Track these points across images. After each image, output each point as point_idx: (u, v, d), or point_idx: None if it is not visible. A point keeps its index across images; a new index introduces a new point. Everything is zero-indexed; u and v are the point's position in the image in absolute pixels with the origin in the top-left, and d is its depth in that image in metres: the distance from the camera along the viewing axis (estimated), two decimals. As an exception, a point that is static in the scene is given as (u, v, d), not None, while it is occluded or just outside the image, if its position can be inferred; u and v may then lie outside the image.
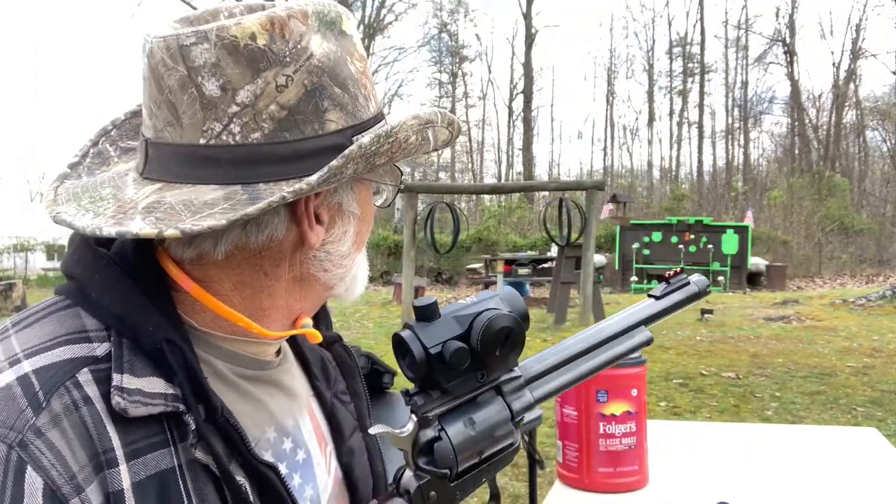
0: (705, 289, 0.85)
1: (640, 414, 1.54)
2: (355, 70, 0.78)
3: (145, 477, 0.70)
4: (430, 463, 0.63)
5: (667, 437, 1.90)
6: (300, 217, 0.77)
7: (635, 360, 1.54)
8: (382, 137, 0.73)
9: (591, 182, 11.25)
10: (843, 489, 1.57)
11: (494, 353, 0.63)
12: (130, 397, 0.69)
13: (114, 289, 0.74)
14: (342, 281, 0.85)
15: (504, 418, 0.66)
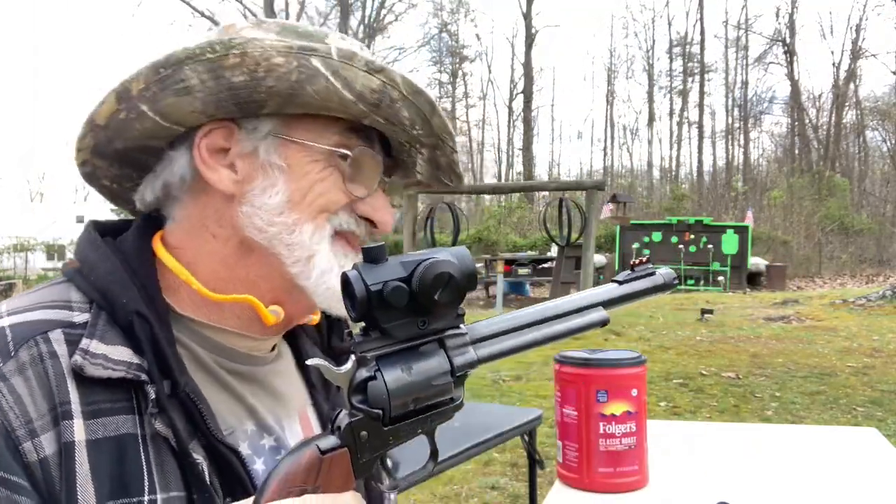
0: (671, 282, 0.84)
1: (640, 414, 1.54)
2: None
3: (103, 437, 0.73)
4: (363, 402, 0.64)
5: (667, 437, 1.90)
6: (194, 153, 0.82)
7: (635, 359, 1.54)
8: (219, 45, 0.76)
9: (591, 182, 11.25)
10: (843, 489, 1.57)
11: (433, 297, 0.63)
12: (93, 359, 0.73)
13: (101, 266, 0.80)
14: (297, 262, 0.82)
15: (443, 370, 0.66)
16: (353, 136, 0.85)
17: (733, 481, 1.61)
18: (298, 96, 0.80)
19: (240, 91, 0.79)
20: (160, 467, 0.75)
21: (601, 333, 9.92)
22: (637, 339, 9.65)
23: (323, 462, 0.63)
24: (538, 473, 3.39)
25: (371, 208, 0.87)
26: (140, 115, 0.81)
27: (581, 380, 1.52)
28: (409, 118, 0.83)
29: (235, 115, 0.82)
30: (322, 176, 0.84)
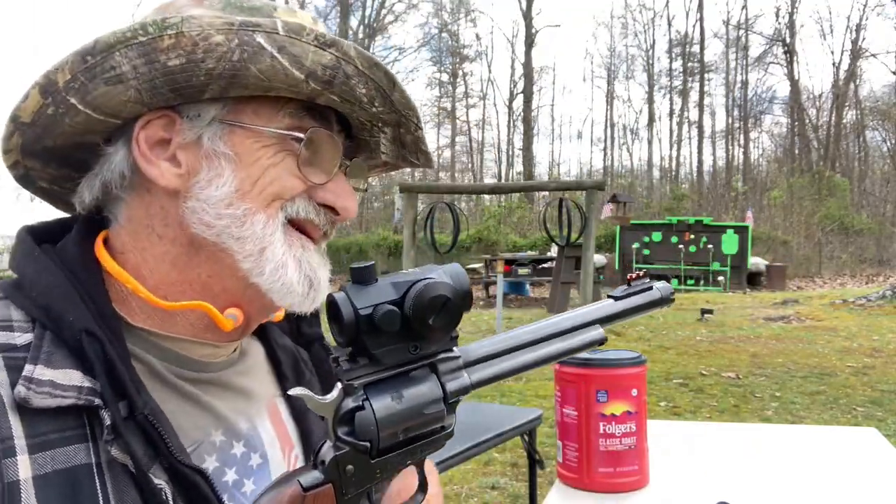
0: (669, 296, 0.81)
1: (640, 414, 1.54)
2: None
3: (52, 471, 0.66)
4: (350, 434, 0.59)
5: (667, 437, 1.90)
6: (132, 147, 0.76)
7: (635, 360, 1.54)
8: (152, 26, 0.70)
9: (591, 182, 11.25)
10: (843, 489, 1.57)
11: (427, 321, 0.60)
12: (39, 388, 0.66)
13: (42, 280, 0.73)
14: (248, 256, 0.76)
15: (436, 397, 0.62)
16: (306, 118, 0.79)
17: (733, 481, 1.61)
18: (242, 77, 0.73)
19: (177, 76, 0.72)
20: (118, 496, 0.68)
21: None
22: (637, 339, 9.65)
23: (306, 500, 0.59)
24: (538, 473, 3.39)
25: (332, 195, 0.80)
26: (69, 109, 0.74)
27: (581, 380, 1.52)
28: (368, 94, 0.77)
29: (175, 103, 0.75)
30: (273, 161, 0.77)
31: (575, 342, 0.72)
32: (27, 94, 0.75)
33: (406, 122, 0.83)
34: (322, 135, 0.79)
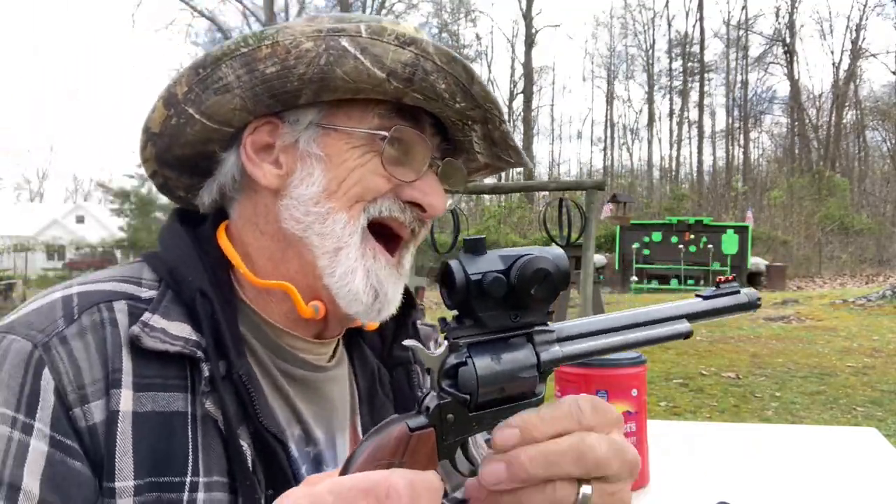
0: (755, 301, 0.85)
1: (640, 414, 1.54)
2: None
3: (150, 411, 0.73)
4: (452, 386, 0.65)
5: (667, 437, 1.90)
6: (240, 152, 0.83)
7: (635, 359, 1.54)
8: (251, 38, 0.77)
9: (591, 182, 11.23)
10: (843, 489, 1.57)
11: (530, 291, 0.65)
12: (152, 332, 0.74)
13: (174, 247, 0.84)
14: (325, 253, 0.80)
15: (530, 363, 0.67)
16: (396, 118, 0.82)
17: (733, 481, 1.61)
18: (330, 80, 0.77)
19: (273, 82, 0.78)
20: (206, 450, 0.74)
21: (601, 333, 9.92)
22: (637, 339, 9.64)
23: (411, 439, 0.64)
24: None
25: (419, 192, 0.83)
26: (189, 119, 0.82)
27: (581, 379, 1.52)
28: (448, 90, 0.79)
29: (277, 109, 0.81)
30: (360, 162, 0.81)
31: (662, 331, 0.74)
32: (154, 107, 0.85)
33: (490, 116, 0.84)
34: (409, 133, 0.82)
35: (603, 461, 0.62)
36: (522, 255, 0.66)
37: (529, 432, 0.62)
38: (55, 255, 33.70)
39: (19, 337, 0.72)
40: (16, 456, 0.67)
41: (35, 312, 0.75)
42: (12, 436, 0.68)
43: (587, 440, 0.62)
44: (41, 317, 0.74)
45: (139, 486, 0.71)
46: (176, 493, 0.72)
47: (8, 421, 0.68)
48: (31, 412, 0.69)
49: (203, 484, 0.74)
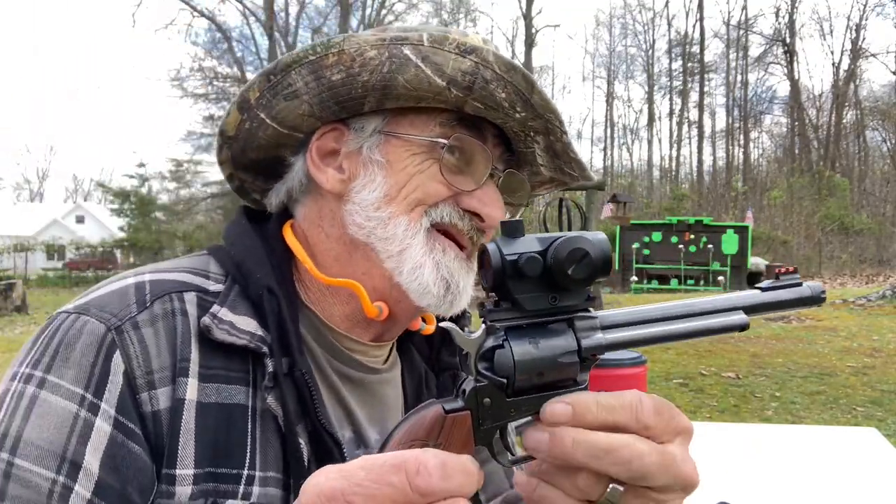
0: (819, 295, 0.76)
1: (640, 414, 1.54)
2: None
3: (214, 402, 0.74)
4: (489, 369, 0.64)
5: (667, 437, 1.90)
6: (307, 157, 0.86)
7: (636, 360, 1.54)
8: (319, 46, 0.79)
9: (591, 182, 11.25)
10: (843, 489, 1.57)
11: (566, 271, 0.63)
12: (220, 325, 0.76)
13: (241, 243, 0.85)
14: (390, 256, 0.81)
15: (570, 349, 0.65)
16: (458, 127, 0.82)
17: (733, 481, 1.61)
18: (392, 88, 0.79)
19: (339, 89, 0.80)
20: (264, 445, 0.76)
21: (601, 333, 9.92)
22: (637, 339, 9.65)
23: (446, 421, 0.63)
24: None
25: (478, 202, 0.83)
26: (261, 124, 0.85)
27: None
28: (508, 99, 0.80)
29: (343, 116, 0.83)
30: (420, 169, 0.82)
31: (714, 323, 0.71)
32: (229, 111, 0.87)
33: (552, 127, 0.84)
34: (469, 142, 0.83)
35: (648, 472, 0.60)
36: (560, 236, 0.65)
37: (582, 414, 0.60)
38: (55, 255, 33.68)
39: (93, 318, 0.74)
40: (80, 434, 0.69)
41: (109, 295, 0.77)
42: (79, 413, 0.70)
43: (639, 446, 0.60)
44: (115, 300, 0.76)
45: (198, 474, 0.72)
46: (232, 484, 0.73)
47: (76, 399, 0.70)
48: (99, 393, 0.70)
49: (259, 478, 0.75)
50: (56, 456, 0.68)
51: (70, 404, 0.70)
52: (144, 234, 26.29)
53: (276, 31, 29.96)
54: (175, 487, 0.71)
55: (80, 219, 49.47)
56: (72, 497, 0.67)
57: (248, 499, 0.74)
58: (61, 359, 0.72)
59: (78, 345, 0.72)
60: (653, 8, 44.24)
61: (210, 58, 31.53)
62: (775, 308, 0.75)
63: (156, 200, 28.11)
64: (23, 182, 65.08)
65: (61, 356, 0.72)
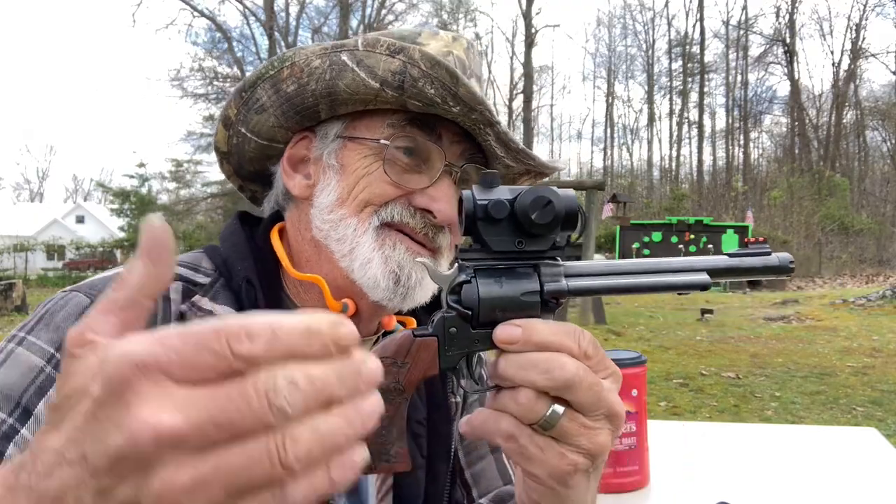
0: (787, 265, 0.78)
1: (640, 414, 1.54)
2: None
3: None
4: (457, 301, 0.69)
5: (667, 437, 1.90)
6: (280, 164, 0.92)
7: (635, 360, 1.54)
8: (276, 60, 0.85)
9: (591, 182, 11.26)
10: (843, 489, 1.57)
11: (530, 215, 0.68)
12: (198, 312, 0.82)
13: (230, 241, 0.91)
14: (344, 256, 0.85)
15: (532, 289, 0.70)
16: (408, 126, 0.85)
17: (733, 481, 1.61)
18: (336, 94, 0.83)
19: (294, 100, 0.85)
20: None
21: (601, 333, 9.92)
22: (637, 339, 9.65)
23: (414, 343, 0.69)
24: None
25: (429, 199, 0.85)
26: (244, 138, 0.91)
27: (581, 380, 1.52)
28: (438, 94, 0.81)
29: (307, 124, 0.89)
30: (368, 170, 0.85)
31: (678, 279, 0.74)
32: (217, 128, 0.94)
33: (491, 116, 0.84)
34: (419, 141, 0.85)
35: (570, 382, 0.64)
36: (529, 187, 0.70)
37: (529, 335, 0.65)
38: (55, 255, 33.68)
39: (81, 293, 0.81)
40: (40, 386, 0.75)
41: (101, 278, 0.85)
42: (44, 369, 0.75)
43: (561, 358, 0.65)
44: (105, 281, 0.83)
45: None
46: None
47: (46, 356, 0.76)
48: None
49: None
50: (12, 400, 0.74)
51: (39, 360, 0.76)
52: (144, 234, 26.24)
53: (276, 31, 29.96)
54: None
55: (80, 219, 49.47)
56: (16, 437, 0.72)
57: None
58: (44, 323, 0.79)
59: (62, 313, 0.79)
60: (653, 8, 44.24)
61: (210, 58, 31.56)
62: (741, 274, 0.78)
63: (156, 200, 28.11)
64: (23, 182, 65.12)
65: (44, 321, 0.79)
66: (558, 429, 0.65)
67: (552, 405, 0.65)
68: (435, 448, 0.95)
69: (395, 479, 0.93)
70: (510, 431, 0.66)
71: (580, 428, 0.65)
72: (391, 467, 0.68)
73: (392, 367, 0.69)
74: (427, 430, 0.96)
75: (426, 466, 0.94)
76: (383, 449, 0.68)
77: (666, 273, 0.74)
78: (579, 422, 0.65)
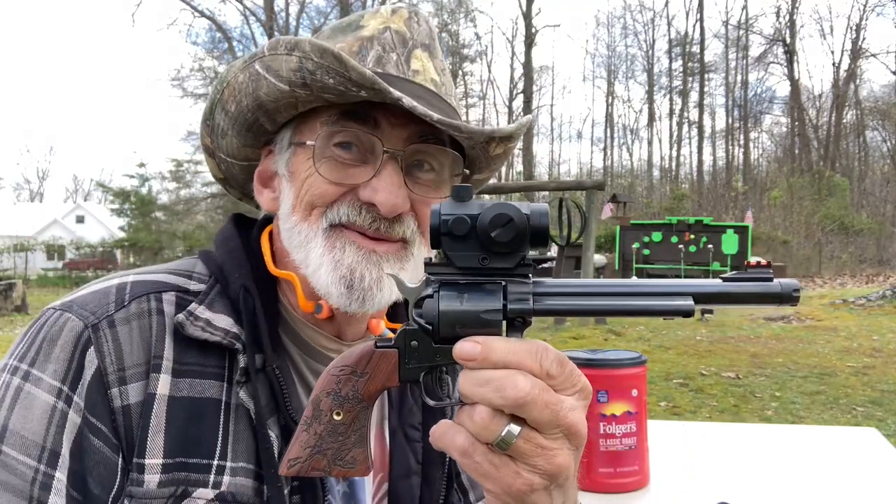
0: (790, 293, 0.71)
1: (640, 414, 1.54)
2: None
3: (186, 396, 0.78)
4: (419, 315, 0.70)
5: (667, 437, 1.90)
6: (254, 183, 0.93)
7: (635, 360, 1.54)
8: (218, 84, 0.85)
9: (591, 182, 11.24)
10: (843, 489, 1.57)
11: (490, 234, 0.67)
12: (195, 322, 0.80)
13: (225, 246, 0.90)
14: (301, 261, 0.84)
15: (494, 308, 0.68)
16: (342, 121, 0.82)
17: (733, 481, 1.61)
18: (263, 104, 0.83)
19: (238, 118, 0.85)
20: (235, 437, 0.80)
21: (601, 333, 9.92)
22: (637, 339, 9.65)
23: (374, 354, 0.70)
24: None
25: (370, 190, 0.82)
26: (227, 163, 0.93)
27: (581, 380, 1.52)
28: (338, 82, 0.78)
29: (265, 139, 0.89)
30: (309, 173, 0.83)
31: (657, 304, 0.70)
32: (204, 160, 0.96)
33: (391, 93, 0.78)
34: (351, 133, 0.83)
35: (523, 401, 0.62)
36: (493, 203, 0.69)
37: (487, 352, 0.64)
38: (55, 255, 33.67)
39: (74, 316, 0.79)
40: (58, 424, 0.75)
41: (91, 294, 0.82)
42: (56, 405, 0.75)
43: (516, 376, 0.63)
44: (96, 299, 0.81)
45: (167, 464, 0.76)
46: (203, 474, 0.77)
47: (55, 392, 0.76)
48: (74, 386, 0.76)
49: (229, 468, 0.78)
50: (38, 446, 0.74)
51: (50, 397, 0.75)
52: (144, 234, 26.25)
53: (276, 31, 29.94)
54: (144, 476, 0.76)
55: (80, 219, 49.44)
56: (54, 483, 0.73)
57: (218, 487, 0.78)
58: (44, 354, 0.77)
59: (59, 341, 0.77)
60: (653, 8, 44.24)
61: (210, 58, 31.53)
62: (735, 301, 0.72)
63: (156, 200, 28.08)
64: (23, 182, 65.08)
65: (44, 351, 0.77)
66: (514, 448, 0.64)
67: (508, 425, 0.63)
68: (430, 453, 0.94)
69: (391, 484, 0.92)
70: (464, 447, 0.65)
71: (536, 448, 0.64)
72: (346, 472, 0.69)
73: (351, 378, 0.69)
74: (422, 434, 0.95)
75: (421, 471, 0.94)
76: (339, 454, 0.69)
77: (645, 296, 0.70)
78: (536, 442, 0.64)
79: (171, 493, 0.76)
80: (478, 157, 0.93)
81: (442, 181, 0.88)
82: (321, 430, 0.69)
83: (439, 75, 0.90)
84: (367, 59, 0.85)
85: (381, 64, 0.85)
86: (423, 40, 0.89)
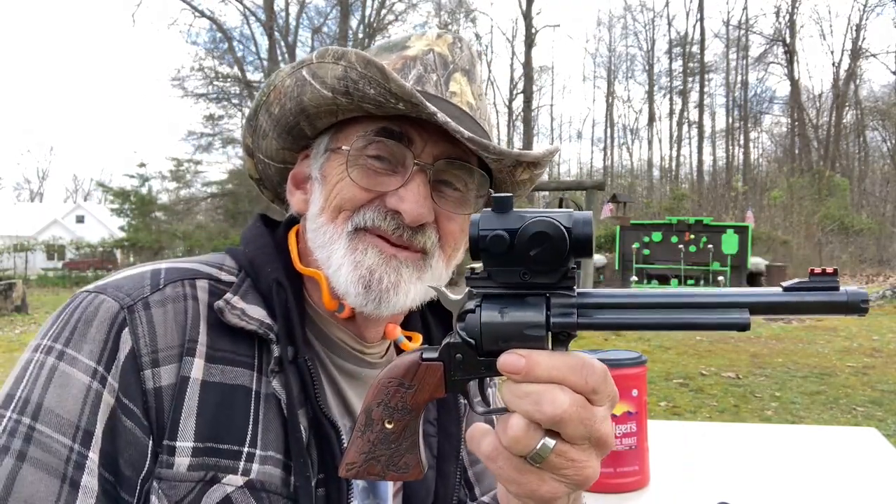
0: (858, 303, 0.65)
1: (640, 414, 1.54)
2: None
3: (218, 382, 0.80)
4: (463, 329, 0.69)
5: (667, 437, 1.90)
6: (287, 184, 0.96)
7: (636, 360, 1.54)
8: (265, 87, 0.89)
9: (591, 182, 11.25)
10: (843, 489, 1.57)
11: (528, 252, 0.65)
12: (232, 310, 0.83)
13: (256, 241, 0.93)
14: (324, 262, 0.87)
15: (537, 322, 0.67)
16: (379, 131, 0.85)
17: (733, 481, 1.61)
18: (306, 109, 0.86)
19: (281, 121, 0.89)
20: (265, 425, 0.81)
21: (601, 333, 9.93)
22: (637, 339, 9.65)
23: (420, 367, 0.71)
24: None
25: (397, 199, 0.85)
26: (264, 163, 0.97)
27: (581, 380, 1.52)
28: (379, 94, 0.81)
29: (303, 143, 0.92)
30: (341, 177, 0.87)
31: (710, 318, 0.66)
32: (244, 158, 0.99)
33: (427, 108, 0.81)
34: (387, 144, 0.86)
35: (559, 417, 0.63)
36: (536, 216, 0.66)
37: (531, 367, 0.64)
38: (55, 255, 33.65)
39: (109, 297, 0.81)
40: (93, 406, 0.76)
41: (125, 279, 0.84)
42: (91, 385, 0.76)
43: (555, 392, 0.64)
44: (130, 282, 0.83)
45: (198, 448, 0.78)
46: (232, 460, 0.78)
47: (90, 372, 0.77)
48: (108, 367, 0.77)
49: (259, 457, 0.80)
50: (72, 425, 0.75)
51: (85, 377, 0.76)
52: (144, 234, 26.23)
53: (276, 31, 29.95)
54: (175, 458, 0.77)
55: (80, 219, 49.44)
56: (87, 463, 0.74)
57: (247, 475, 0.78)
58: (79, 334, 0.78)
59: (94, 322, 0.78)
60: (653, 8, 44.25)
61: (210, 58, 31.52)
62: (797, 311, 0.66)
63: (156, 200, 28.06)
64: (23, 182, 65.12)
65: (79, 331, 0.78)
66: (546, 462, 0.65)
67: (543, 438, 0.64)
68: (444, 448, 0.97)
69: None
70: (488, 452, 0.67)
71: (567, 462, 0.66)
72: (400, 476, 0.71)
73: (400, 389, 0.70)
74: (437, 430, 0.98)
75: (436, 466, 0.97)
76: (392, 460, 0.71)
77: (698, 309, 0.66)
78: (568, 456, 0.65)
79: (200, 477, 0.77)
80: (504, 182, 0.97)
81: (467, 200, 0.91)
82: (374, 438, 0.70)
83: (475, 100, 0.95)
84: (409, 77, 0.89)
85: (421, 83, 0.89)
86: (463, 65, 0.94)
